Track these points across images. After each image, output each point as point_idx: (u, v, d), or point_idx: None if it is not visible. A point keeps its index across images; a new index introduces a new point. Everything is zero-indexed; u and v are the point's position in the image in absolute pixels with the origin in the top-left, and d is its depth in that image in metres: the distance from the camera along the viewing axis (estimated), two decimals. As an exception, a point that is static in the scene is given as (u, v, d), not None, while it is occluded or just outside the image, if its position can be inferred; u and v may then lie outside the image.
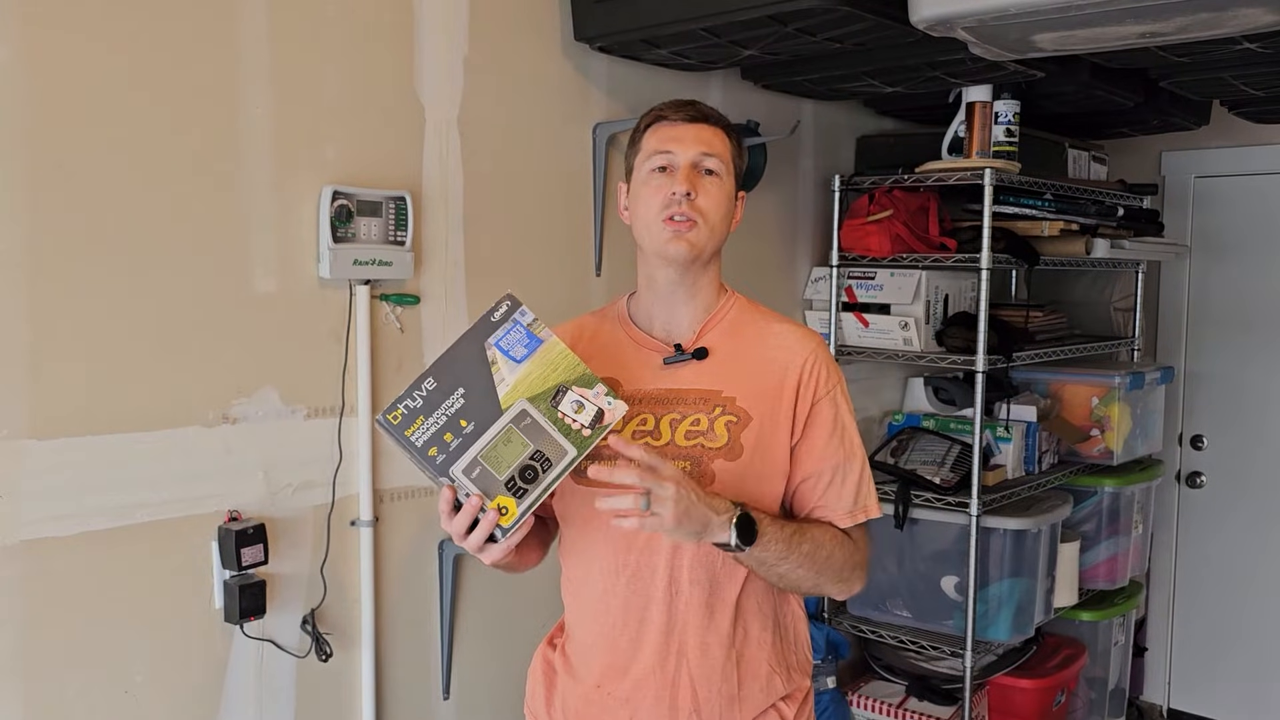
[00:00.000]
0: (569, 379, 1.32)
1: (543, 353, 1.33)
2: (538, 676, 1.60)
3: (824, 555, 1.41)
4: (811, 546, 1.40)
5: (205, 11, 1.80)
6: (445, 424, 1.29)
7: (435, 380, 1.31)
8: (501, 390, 1.31)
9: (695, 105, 1.49)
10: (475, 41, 2.20)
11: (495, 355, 1.32)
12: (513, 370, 1.32)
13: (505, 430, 1.29)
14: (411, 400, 1.30)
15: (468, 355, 1.32)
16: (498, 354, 1.32)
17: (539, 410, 1.31)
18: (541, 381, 1.32)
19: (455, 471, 1.28)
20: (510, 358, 1.32)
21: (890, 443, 3.04)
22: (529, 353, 1.33)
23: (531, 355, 1.33)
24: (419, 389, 1.31)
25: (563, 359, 1.33)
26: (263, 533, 1.86)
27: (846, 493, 1.47)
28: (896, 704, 2.96)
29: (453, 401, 1.30)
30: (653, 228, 1.45)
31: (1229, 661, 3.67)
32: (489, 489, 1.28)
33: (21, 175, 1.62)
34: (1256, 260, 3.56)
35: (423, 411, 1.30)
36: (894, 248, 2.85)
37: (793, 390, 1.45)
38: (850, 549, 1.46)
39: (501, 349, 1.33)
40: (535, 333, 1.34)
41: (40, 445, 1.65)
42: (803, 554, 1.39)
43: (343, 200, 1.94)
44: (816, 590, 1.47)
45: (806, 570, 1.40)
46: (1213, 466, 3.69)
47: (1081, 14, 1.85)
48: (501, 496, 1.28)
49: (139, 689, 1.79)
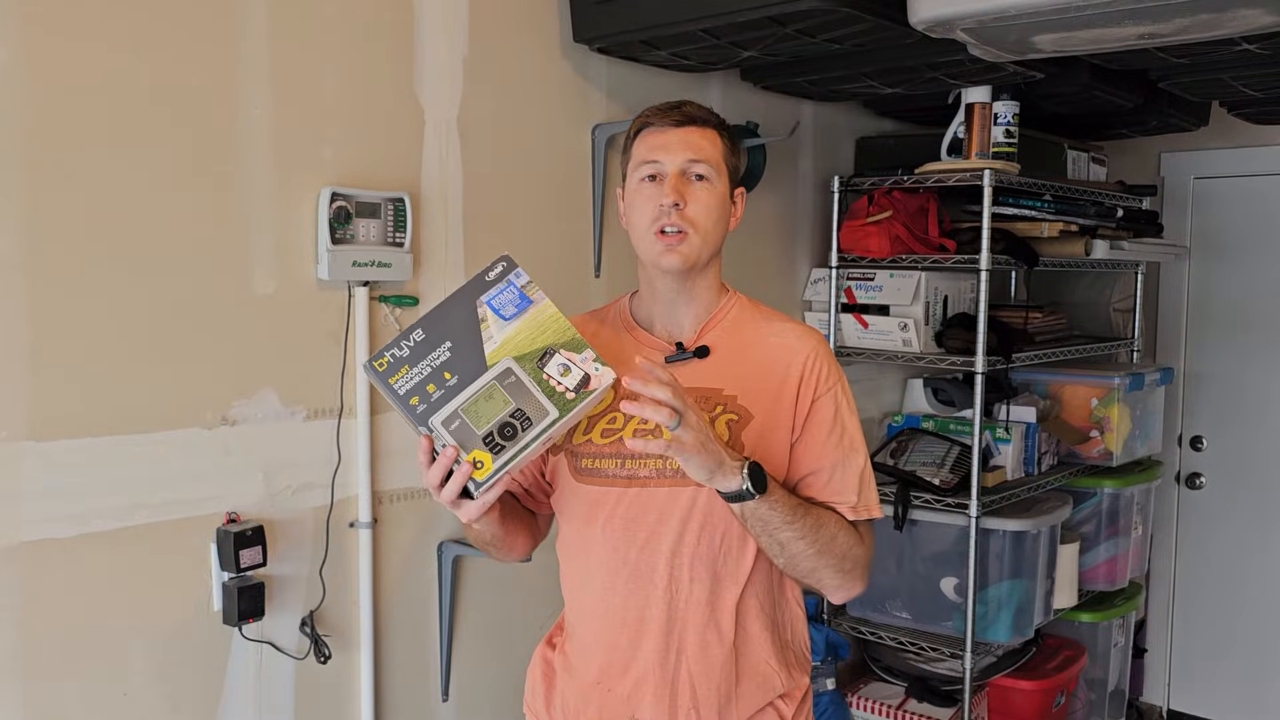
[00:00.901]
0: (558, 342, 1.32)
1: (534, 314, 1.33)
2: (537, 675, 1.60)
3: (828, 534, 1.39)
4: (816, 521, 1.38)
5: (204, 12, 1.80)
6: (429, 375, 1.30)
7: (424, 332, 1.31)
8: (489, 347, 1.31)
9: (682, 108, 1.47)
10: (475, 42, 2.19)
11: (486, 313, 1.33)
12: (501, 328, 1.32)
13: (488, 386, 1.30)
14: (399, 349, 1.31)
15: (458, 310, 1.33)
16: (488, 311, 1.33)
17: (524, 370, 1.31)
18: (529, 342, 1.32)
19: (434, 422, 1.28)
20: (500, 316, 1.33)
21: (890, 444, 3.04)
22: (519, 312, 1.33)
23: (521, 315, 1.33)
24: (407, 339, 1.31)
25: (553, 322, 1.33)
26: (261, 534, 1.86)
27: (849, 489, 1.45)
28: (896, 705, 2.96)
29: (439, 354, 1.31)
30: (645, 239, 1.45)
31: (1229, 663, 3.67)
32: (466, 442, 1.28)
33: (21, 176, 1.61)
34: (1256, 261, 3.56)
35: (408, 361, 1.30)
36: (893, 249, 2.85)
37: (794, 388, 1.45)
38: (854, 539, 1.43)
39: (492, 307, 1.33)
40: (528, 294, 1.34)
41: (39, 447, 1.65)
42: (807, 525, 1.37)
43: (341, 201, 1.94)
44: (814, 577, 1.42)
45: (809, 544, 1.37)
46: (1212, 467, 3.69)
47: (1081, 15, 1.85)
48: (478, 451, 1.27)
49: (137, 691, 1.78)
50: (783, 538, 1.36)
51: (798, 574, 1.43)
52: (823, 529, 1.39)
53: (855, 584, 1.45)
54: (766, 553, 1.41)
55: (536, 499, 1.57)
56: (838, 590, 1.45)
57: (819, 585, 1.44)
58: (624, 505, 1.44)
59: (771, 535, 1.37)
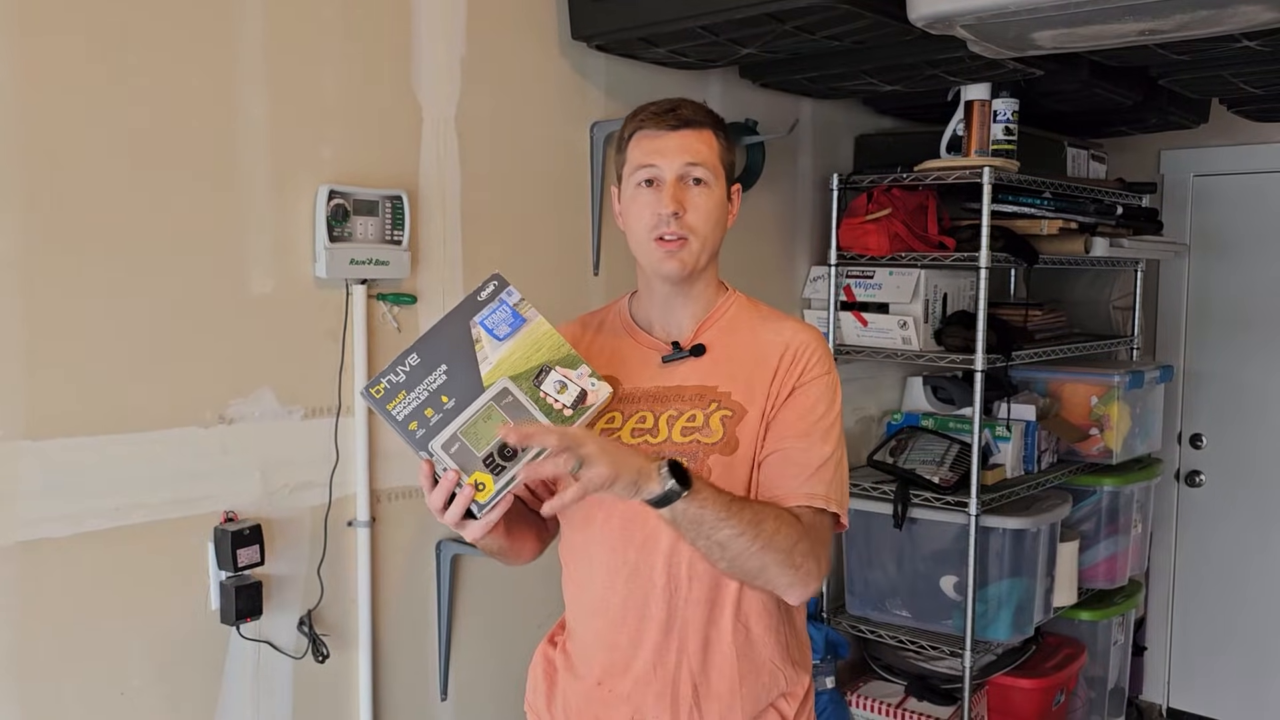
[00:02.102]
0: (553, 359, 1.32)
1: (528, 332, 1.33)
2: (538, 674, 1.60)
3: (770, 528, 1.31)
4: (755, 516, 1.30)
5: (202, 12, 1.79)
6: (427, 399, 1.29)
7: (419, 356, 1.31)
8: (484, 368, 1.31)
9: (678, 110, 1.45)
10: (472, 40, 2.19)
11: (479, 333, 1.32)
12: (496, 348, 1.32)
13: (486, 407, 1.29)
14: (395, 375, 1.30)
15: (452, 332, 1.32)
16: (482, 332, 1.32)
17: (521, 389, 1.30)
18: (525, 360, 1.32)
19: (434, 446, 1.28)
20: (494, 336, 1.32)
21: (889, 442, 3.03)
22: (513, 331, 1.33)
23: (515, 334, 1.33)
24: (402, 364, 1.31)
25: (547, 339, 1.33)
26: (259, 533, 1.86)
27: (805, 474, 1.39)
28: (896, 704, 2.95)
29: (435, 377, 1.30)
30: (644, 245, 1.45)
31: (1228, 660, 3.67)
32: (467, 465, 1.27)
33: (18, 176, 1.61)
34: (1256, 259, 3.56)
35: (405, 386, 1.30)
36: (892, 246, 2.84)
37: (773, 370, 1.43)
38: (798, 530, 1.34)
39: (486, 327, 1.33)
40: (521, 312, 1.34)
41: (36, 446, 1.65)
42: (745, 520, 1.28)
43: (339, 199, 1.94)
44: (763, 577, 1.34)
45: (750, 541, 1.29)
46: (1212, 465, 3.69)
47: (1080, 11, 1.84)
48: (479, 473, 1.27)
49: (135, 690, 1.78)
50: (720, 537, 1.29)
51: (745, 576, 1.36)
52: (763, 523, 1.31)
53: (810, 580, 1.36)
54: (708, 558, 1.34)
55: (542, 500, 1.56)
56: (790, 589, 1.37)
57: (770, 586, 1.37)
58: (621, 505, 1.42)
59: (709, 536, 1.29)
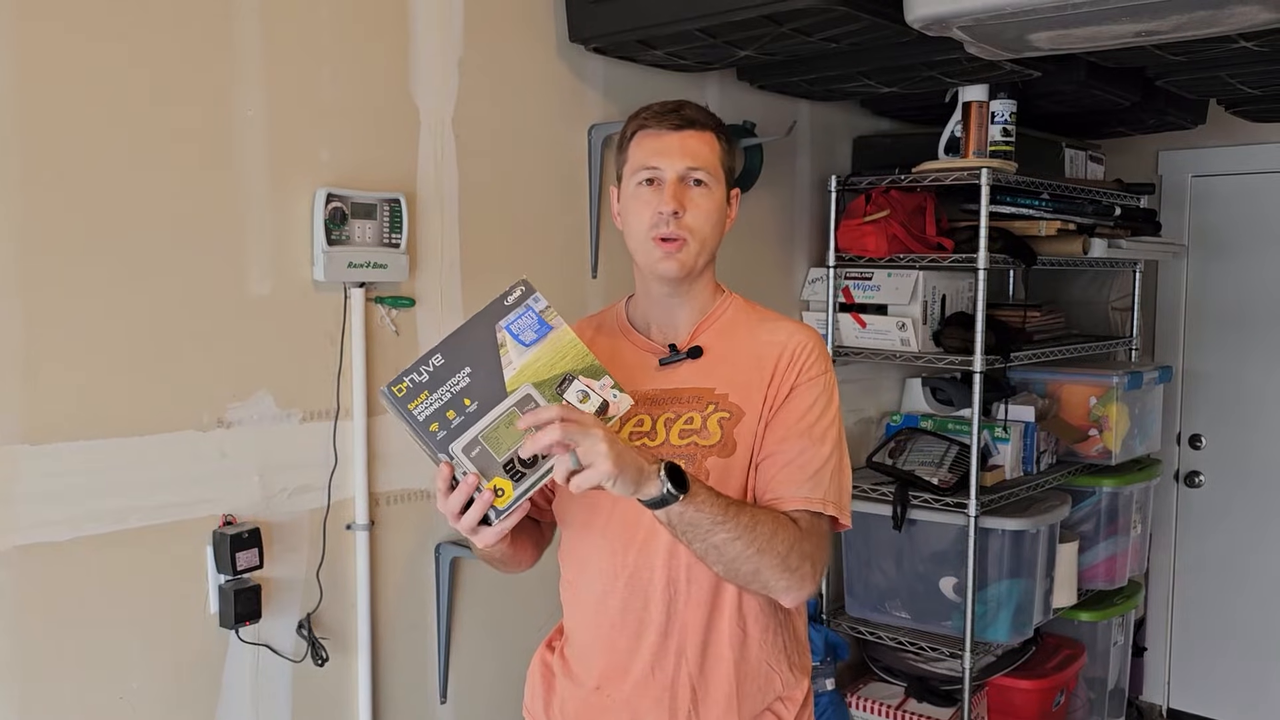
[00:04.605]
0: (577, 368, 1.32)
1: (552, 340, 1.32)
2: (536, 679, 1.60)
3: (766, 530, 1.31)
4: (751, 519, 1.31)
5: (199, 13, 1.79)
6: (449, 401, 1.28)
7: (443, 357, 1.30)
8: (508, 373, 1.30)
9: (680, 111, 1.45)
10: (470, 43, 2.19)
11: (505, 338, 1.32)
12: (521, 354, 1.31)
13: (508, 412, 1.28)
14: (418, 374, 1.29)
15: (477, 336, 1.32)
16: (507, 337, 1.32)
17: (544, 396, 1.30)
18: (549, 368, 1.31)
19: (455, 449, 1.27)
20: (520, 341, 1.32)
21: (888, 444, 3.03)
22: (538, 338, 1.32)
23: (541, 341, 1.32)
24: (426, 364, 1.29)
25: (572, 348, 1.32)
26: (258, 537, 1.86)
27: (803, 477, 1.39)
28: (896, 705, 2.95)
29: (458, 380, 1.29)
30: (643, 245, 1.45)
31: (1228, 661, 3.66)
32: (487, 469, 1.26)
33: (14, 178, 1.61)
34: (1254, 259, 3.56)
35: (428, 387, 1.28)
36: (891, 248, 2.84)
37: (770, 372, 1.43)
38: (794, 534, 1.35)
39: (511, 332, 1.32)
40: (547, 319, 1.33)
41: (35, 450, 1.65)
42: (742, 523, 1.29)
43: (337, 202, 1.93)
44: (759, 580, 1.35)
45: (746, 544, 1.30)
46: (1211, 466, 3.69)
47: (1077, 13, 1.85)
48: (499, 478, 1.26)
49: (134, 695, 1.78)
50: (716, 540, 1.29)
51: (741, 579, 1.37)
52: (759, 526, 1.32)
53: (805, 584, 1.37)
54: (704, 561, 1.35)
55: (540, 506, 1.57)
56: (787, 592, 1.37)
57: (766, 589, 1.37)
58: (621, 507, 1.43)
59: (704, 540, 1.29)
